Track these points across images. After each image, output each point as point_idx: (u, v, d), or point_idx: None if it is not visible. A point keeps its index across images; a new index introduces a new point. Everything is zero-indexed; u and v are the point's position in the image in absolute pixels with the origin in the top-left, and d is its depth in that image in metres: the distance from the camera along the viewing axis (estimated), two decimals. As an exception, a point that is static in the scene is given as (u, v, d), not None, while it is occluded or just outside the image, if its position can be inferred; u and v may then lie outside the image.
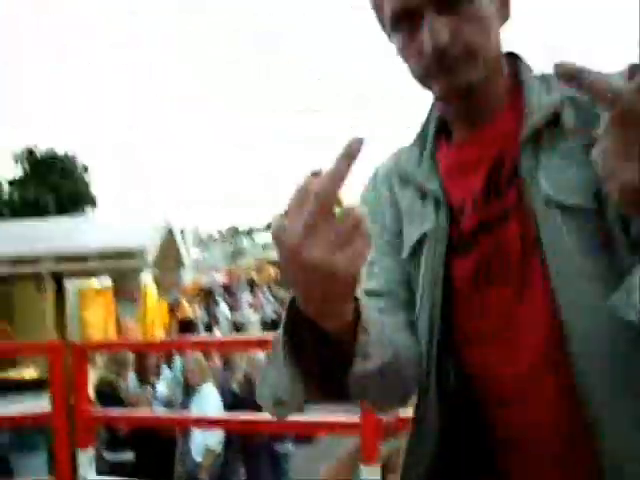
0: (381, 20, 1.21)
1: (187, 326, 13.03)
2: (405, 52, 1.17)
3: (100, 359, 7.50)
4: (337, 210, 0.83)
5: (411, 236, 1.27)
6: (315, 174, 0.84)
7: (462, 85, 1.14)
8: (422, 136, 1.33)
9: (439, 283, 1.20)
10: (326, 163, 0.83)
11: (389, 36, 1.22)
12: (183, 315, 14.50)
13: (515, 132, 1.16)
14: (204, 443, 5.88)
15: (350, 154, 0.83)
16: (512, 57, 1.26)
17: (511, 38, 1.22)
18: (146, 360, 7.11)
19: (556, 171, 1.11)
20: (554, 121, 1.13)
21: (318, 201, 0.81)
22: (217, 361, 7.30)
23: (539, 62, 1.22)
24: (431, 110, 1.33)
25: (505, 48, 1.24)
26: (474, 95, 1.18)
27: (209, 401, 6.08)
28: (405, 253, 1.28)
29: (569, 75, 0.82)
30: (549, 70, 1.19)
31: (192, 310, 16.87)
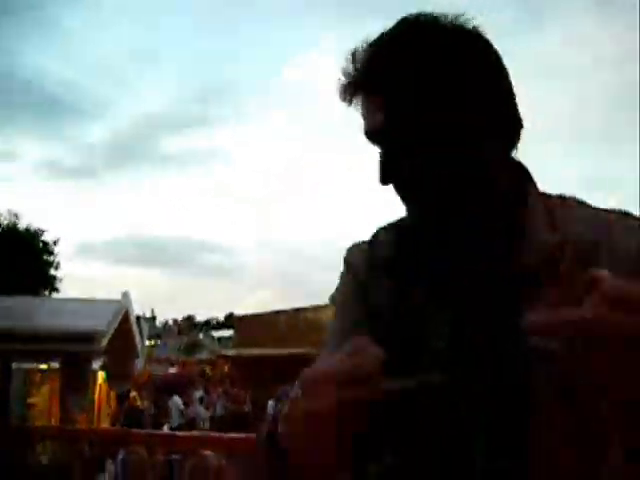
0: None
1: (135, 417, 12.61)
2: None
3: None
4: None
5: None
6: None
7: None
8: None
9: None
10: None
11: None
12: (131, 406, 14.07)
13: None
14: None
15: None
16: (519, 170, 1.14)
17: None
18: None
19: None
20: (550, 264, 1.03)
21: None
22: (160, 457, 7.03)
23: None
24: None
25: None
26: None
27: None
28: None
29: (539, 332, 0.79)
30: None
31: (141, 402, 16.40)
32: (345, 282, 1.26)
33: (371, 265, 1.20)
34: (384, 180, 1.07)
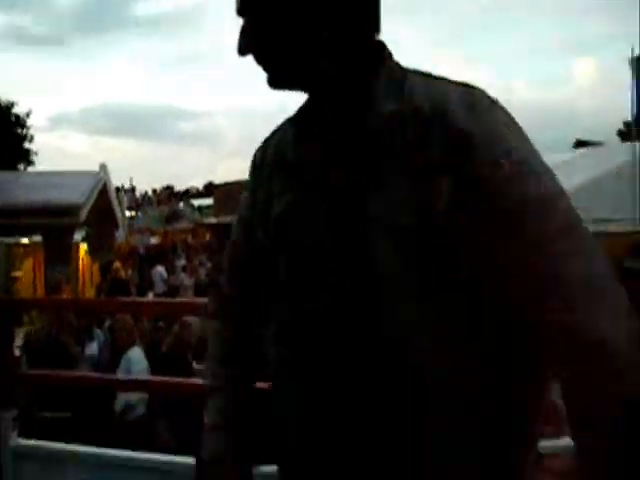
0: None
1: (118, 288, 12.76)
2: None
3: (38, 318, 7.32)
4: None
5: None
6: None
7: None
8: None
9: None
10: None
11: None
12: (115, 276, 14.23)
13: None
14: (125, 400, 5.95)
15: None
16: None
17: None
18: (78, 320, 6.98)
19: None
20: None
21: None
22: (146, 324, 7.18)
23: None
24: None
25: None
26: None
27: (134, 364, 6.06)
28: None
29: None
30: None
31: (125, 272, 16.59)
32: (248, 185, 1.37)
33: (264, 164, 1.31)
34: (243, 51, 1.15)
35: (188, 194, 54.94)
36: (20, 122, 36.97)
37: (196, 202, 47.62)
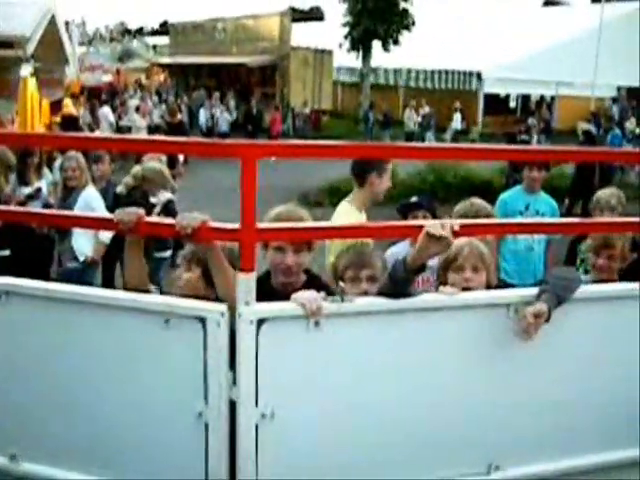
0: None
1: (70, 124, 12.34)
2: None
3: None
4: None
5: None
6: None
7: None
8: None
9: None
10: None
11: None
12: (66, 113, 13.75)
13: None
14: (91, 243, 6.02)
15: None
16: None
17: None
18: (27, 160, 6.75)
19: None
20: None
21: None
22: (107, 164, 6.95)
23: None
24: None
25: None
26: None
27: (95, 201, 6.05)
28: None
29: None
30: None
31: (76, 110, 16.08)
32: None
33: None
34: None
35: (142, 32, 52.60)
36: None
37: (151, 40, 45.81)
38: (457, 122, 27.63)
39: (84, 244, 6.07)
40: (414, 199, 4.40)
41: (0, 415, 2.81)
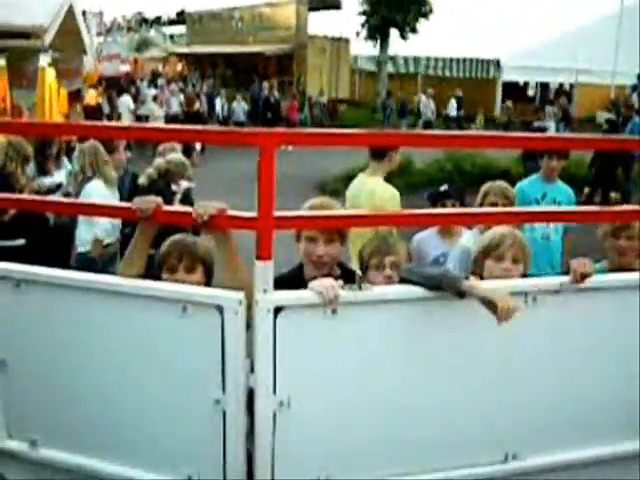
0: None
1: (93, 114, 12.39)
2: None
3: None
4: None
5: None
6: None
7: None
8: None
9: None
10: None
11: None
12: (89, 102, 13.79)
13: None
14: (91, 234, 5.90)
15: None
16: None
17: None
18: (46, 150, 6.77)
19: None
20: None
21: None
22: (122, 153, 6.96)
23: None
24: None
25: None
26: None
27: (92, 193, 5.85)
28: None
29: None
30: None
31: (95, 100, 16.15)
32: None
33: None
34: None
35: (159, 21, 52.59)
36: None
37: (168, 30, 45.79)
38: (452, 109, 26.94)
39: (84, 235, 5.95)
40: (444, 187, 4.41)
41: (20, 402, 2.85)
